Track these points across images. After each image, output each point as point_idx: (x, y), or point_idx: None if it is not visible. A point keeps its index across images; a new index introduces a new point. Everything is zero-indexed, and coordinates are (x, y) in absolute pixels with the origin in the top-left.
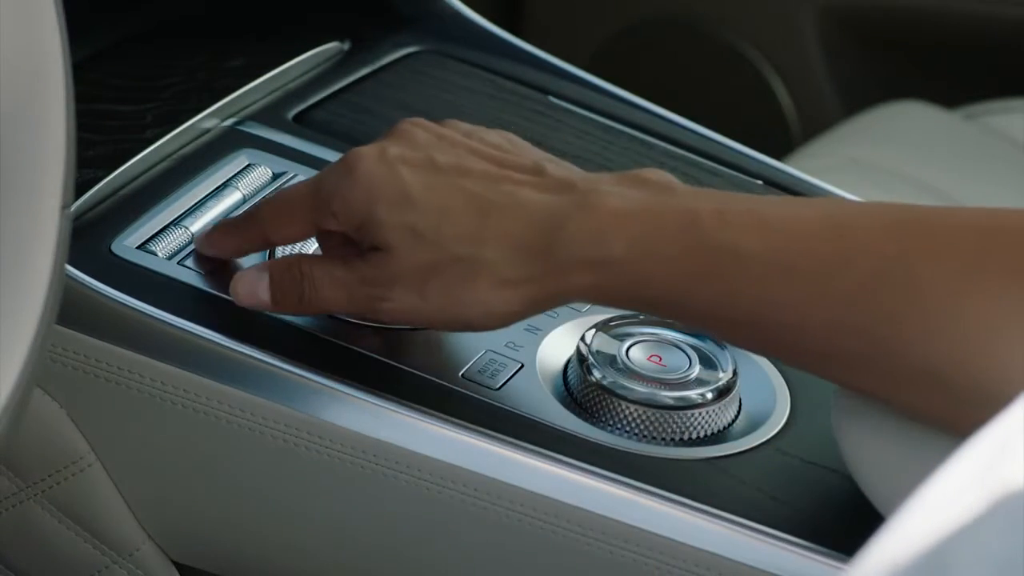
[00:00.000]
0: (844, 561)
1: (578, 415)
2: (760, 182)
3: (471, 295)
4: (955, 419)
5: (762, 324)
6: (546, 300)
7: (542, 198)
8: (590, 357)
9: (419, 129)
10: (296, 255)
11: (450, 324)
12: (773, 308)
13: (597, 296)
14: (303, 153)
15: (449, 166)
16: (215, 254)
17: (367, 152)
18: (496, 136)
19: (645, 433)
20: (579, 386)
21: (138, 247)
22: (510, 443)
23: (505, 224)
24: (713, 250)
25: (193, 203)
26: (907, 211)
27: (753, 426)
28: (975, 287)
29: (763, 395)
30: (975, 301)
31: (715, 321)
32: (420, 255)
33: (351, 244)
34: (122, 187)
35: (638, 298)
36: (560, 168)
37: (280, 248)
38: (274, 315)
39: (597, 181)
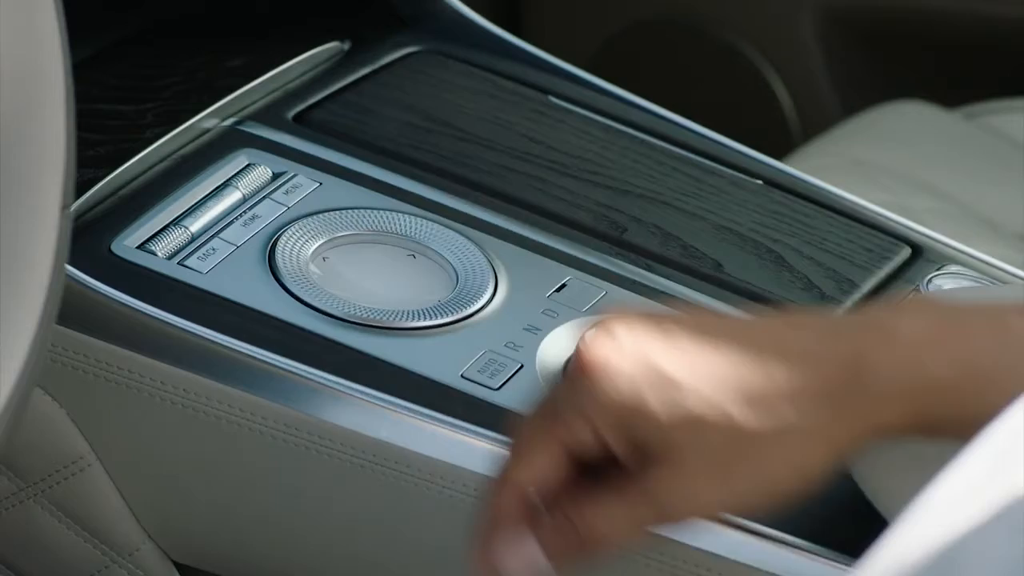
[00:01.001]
0: (844, 561)
1: None
2: (760, 182)
3: (782, 469)
4: None
5: None
6: (856, 443)
7: (825, 341)
8: None
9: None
10: (550, 502)
11: (763, 505)
12: None
13: (913, 424)
14: (303, 153)
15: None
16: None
17: (593, 341)
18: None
19: None
20: None
21: (138, 247)
22: (510, 443)
23: (795, 376)
24: None
25: (193, 203)
26: None
27: None
28: None
29: None
30: None
31: None
32: (712, 443)
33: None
34: (122, 187)
35: (966, 420)
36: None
37: None
38: (273, 314)
39: (868, 318)
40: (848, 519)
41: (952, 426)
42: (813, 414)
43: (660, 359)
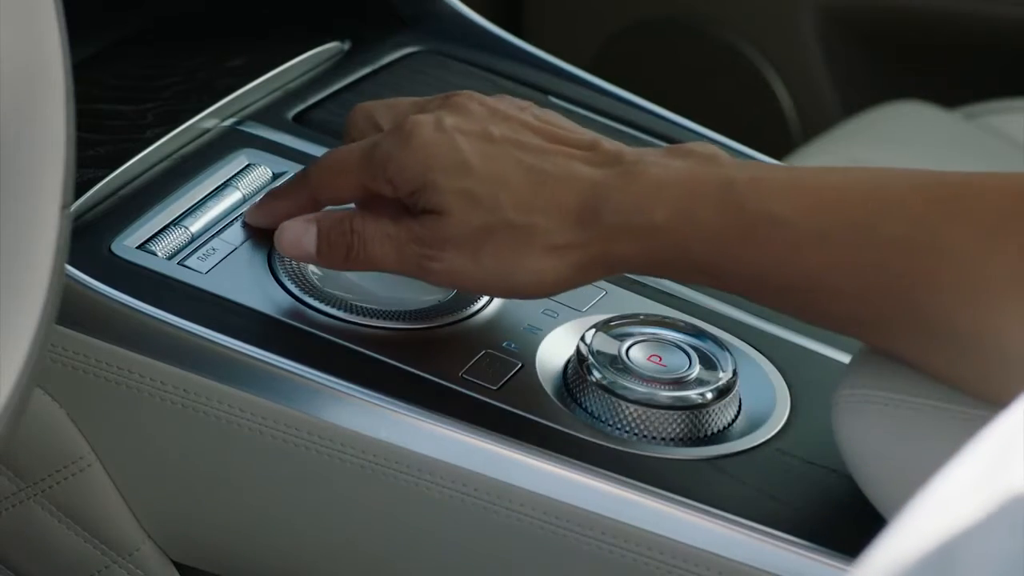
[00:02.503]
0: (844, 561)
1: (578, 415)
2: None
3: (523, 261)
4: (983, 385)
5: (797, 289)
6: (592, 267)
7: (592, 170)
8: (590, 357)
9: (474, 102)
10: (346, 210)
11: (500, 289)
12: (806, 274)
13: (641, 263)
14: (303, 153)
15: (505, 138)
16: (265, 223)
17: (424, 120)
18: (550, 114)
19: (645, 433)
20: (579, 386)
21: (138, 247)
22: (510, 443)
23: (557, 194)
24: (748, 216)
25: (193, 203)
26: (933, 176)
27: (753, 426)
28: (999, 250)
29: (763, 395)
30: (998, 264)
31: (753, 287)
32: (475, 219)
33: (396, 207)
34: (122, 187)
35: (679, 265)
36: (611, 144)
37: None
38: (273, 314)
39: (644, 153)
40: (848, 519)
41: (669, 269)
42: (558, 227)
43: (466, 150)
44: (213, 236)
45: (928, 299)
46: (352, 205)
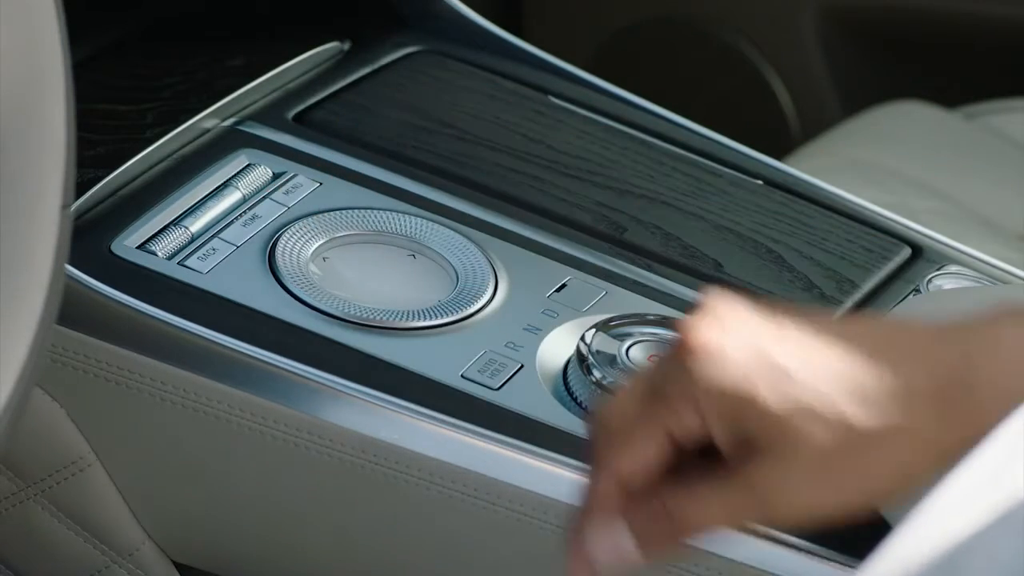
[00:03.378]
0: (845, 562)
1: (578, 415)
2: (760, 182)
3: (877, 469)
4: None
5: None
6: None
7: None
8: (590, 357)
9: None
10: (645, 488)
11: (866, 506)
12: None
13: None
14: (303, 153)
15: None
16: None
17: (699, 325)
18: None
19: None
20: (579, 386)
21: (138, 247)
22: (510, 443)
23: (901, 376)
24: None
25: (193, 203)
26: None
27: None
28: None
29: None
30: None
31: None
32: (819, 438)
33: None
34: (122, 187)
35: None
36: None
37: None
38: (273, 314)
39: (976, 325)
40: (849, 520)
41: None
42: (921, 415)
43: (771, 348)
44: (213, 236)
45: None
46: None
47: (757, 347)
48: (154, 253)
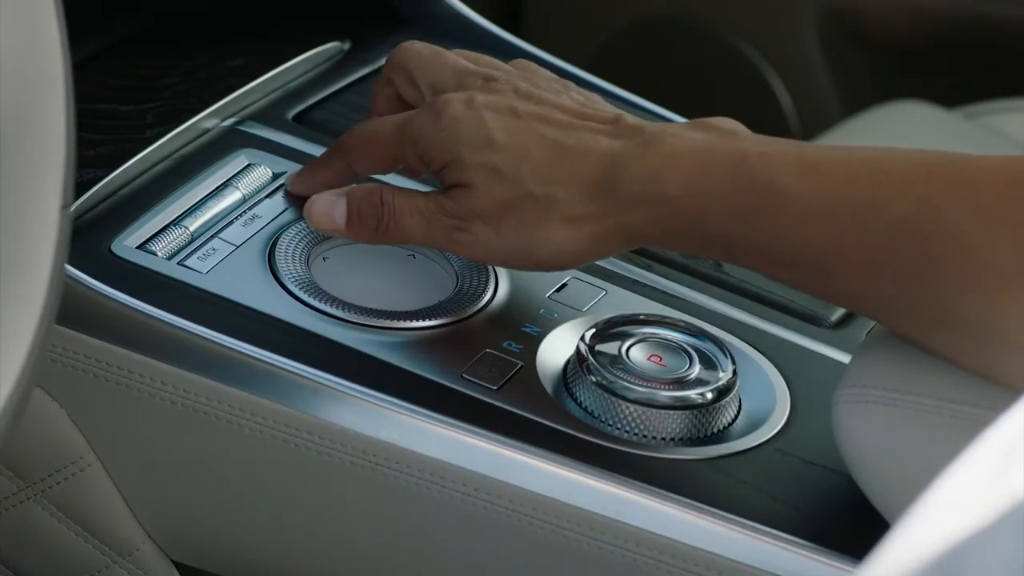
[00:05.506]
0: (844, 561)
1: (578, 415)
2: None
3: (543, 233)
4: (988, 370)
5: (804, 265)
6: (611, 238)
7: (611, 142)
8: (590, 357)
9: (508, 86)
10: (376, 183)
11: (522, 262)
12: (813, 249)
13: (657, 234)
14: (303, 153)
15: (530, 113)
16: (302, 192)
17: (455, 98)
18: (577, 92)
19: (645, 433)
20: (579, 386)
21: (138, 247)
22: (510, 443)
23: (577, 166)
24: (757, 189)
25: (193, 203)
26: (937, 156)
27: (753, 426)
28: (1001, 236)
29: (763, 395)
30: (1001, 252)
31: (762, 260)
32: (499, 193)
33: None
34: (122, 187)
35: (694, 236)
36: (633, 118)
37: None
38: (273, 314)
39: (664, 127)
40: (848, 519)
41: (682, 239)
42: (576, 198)
43: (492, 126)
44: (213, 236)
45: (933, 283)
46: (383, 178)
47: (480, 117)
48: (154, 253)
